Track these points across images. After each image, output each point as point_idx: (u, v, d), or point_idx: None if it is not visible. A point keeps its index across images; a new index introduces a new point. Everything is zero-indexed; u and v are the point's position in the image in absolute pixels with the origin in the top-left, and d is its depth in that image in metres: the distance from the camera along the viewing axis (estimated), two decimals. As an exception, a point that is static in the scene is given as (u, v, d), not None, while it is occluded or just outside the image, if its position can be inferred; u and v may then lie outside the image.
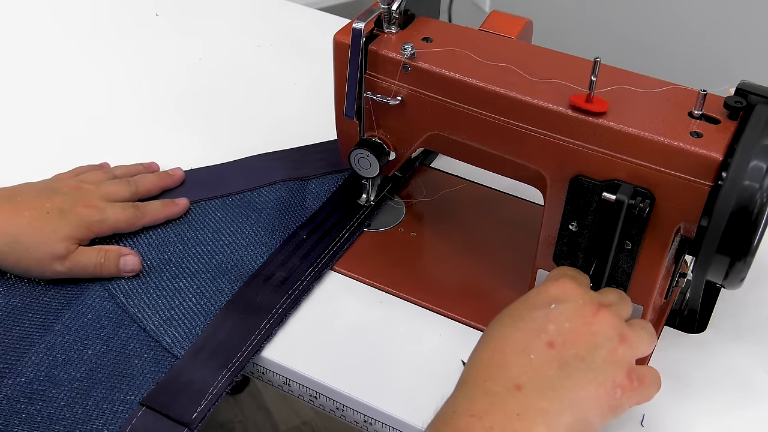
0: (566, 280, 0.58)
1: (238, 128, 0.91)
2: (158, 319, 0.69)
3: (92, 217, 0.71)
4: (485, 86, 0.63)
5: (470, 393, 0.54)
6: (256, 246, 0.75)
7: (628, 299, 0.62)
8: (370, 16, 0.67)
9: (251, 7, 1.12)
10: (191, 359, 0.66)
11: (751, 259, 0.57)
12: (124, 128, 0.91)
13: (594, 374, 0.54)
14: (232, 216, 0.78)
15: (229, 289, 0.71)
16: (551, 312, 0.56)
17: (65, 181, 0.76)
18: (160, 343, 0.67)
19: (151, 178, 0.79)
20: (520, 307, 0.57)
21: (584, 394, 0.53)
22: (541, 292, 0.58)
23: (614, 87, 0.61)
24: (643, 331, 0.59)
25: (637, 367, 0.56)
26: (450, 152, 0.73)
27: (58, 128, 0.90)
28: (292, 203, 0.80)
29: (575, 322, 0.55)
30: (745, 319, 0.71)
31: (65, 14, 1.08)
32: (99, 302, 0.70)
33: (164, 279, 0.72)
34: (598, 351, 0.55)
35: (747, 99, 0.58)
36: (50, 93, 0.95)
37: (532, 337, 0.55)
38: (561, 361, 0.54)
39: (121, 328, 0.68)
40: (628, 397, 0.55)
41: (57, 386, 0.64)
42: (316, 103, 0.92)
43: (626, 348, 0.56)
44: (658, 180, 0.58)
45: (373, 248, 0.77)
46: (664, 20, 1.73)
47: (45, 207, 0.70)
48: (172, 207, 0.77)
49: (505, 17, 0.71)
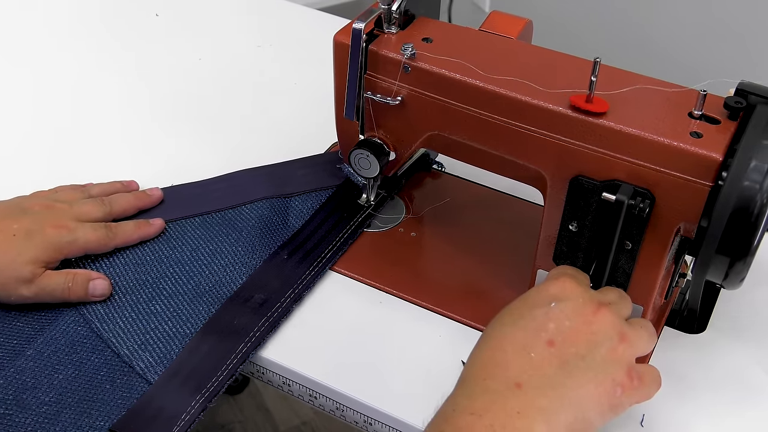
0: (566, 278, 0.58)
1: (238, 128, 0.91)
2: (132, 344, 0.67)
3: (61, 238, 0.69)
4: (485, 86, 0.63)
5: (470, 391, 0.54)
6: (235, 266, 0.73)
7: (628, 298, 0.62)
8: (370, 17, 0.67)
9: (251, 8, 1.12)
10: (164, 384, 0.64)
11: (751, 259, 0.57)
12: (124, 128, 0.90)
13: (594, 373, 0.54)
14: (211, 235, 0.76)
15: (206, 311, 0.69)
16: (551, 310, 0.56)
17: (38, 200, 0.73)
18: (134, 368, 0.65)
19: (127, 198, 0.77)
20: (520, 306, 0.57)
21: (584, 392, 0.53)
22: (541, 291, 0.58)
23: (614, 87, 0.61)
24: (643, 329, 0.59)
25: (637, 366, 0.56)
26: (450, 152, 0.73)
27: (57, 128, 0.90)
28: (273, 221, 0.78)
29: (575, 320, 0.55)
30: (745, 319, 0.71)
31: (64, 14, 1.08)
32: (73, 327, 0.68)
33: (140, 302, 0.70)
34: (598, 349, 0.55)
35: (747, 99, 0.58)
36: (49, 93, 0.95)
37: (533, 336, 0.54)
38: (561, 359, 0.54)
39: (94, 353, 0.66)
40: (628, 395, 0.55)
41: (24, 410, 0.62)
42: (316, 104, 0.92)
43: (626, 347, 0.56)
44: (658, 180, 0.58)
45: (373, 248, 0.77)
46: (664, 20, 1.73)
47: (12, 229, 0.68)
48: (146, 228, 0.75)
49: (505, 17, 0.71)
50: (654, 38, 1.76)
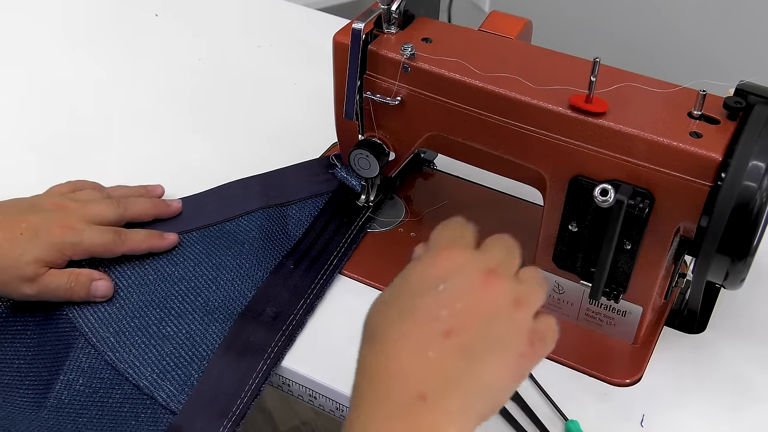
0: (450, 251, 0.51)
1: (238, 129, 0.91)
2: (150, 374, 0.65)
3: (66, 239, 0.68)
4: (485, 87, 0.63)
5: (372, 415, 0.48)
6: (242, 280, 0.72)
7: (515, 247, 0.53)
8: (369, 17, 0.67)
9: (251, 8, 1.12)
10: (189, 413, 0.63)
11: (751, 259, 0.57)
12: (124, 129, 0.90)
13: (497, 351, 0.48)
14: (213, 249, 0.74)
15: (219, 330, 0.68)
16: (441, 295, 0.48)
17: (53, 197, 0.73)
18: (156, 399, 0.64)
19: (143, 204, 0.76)
20: (403, 295, 0.50)
21: (490, 375, 0.48)
22: (425, 272, 0.50)
23: (614, 87, 0.61)
24: (534, 282, 0.52)
25: (535, 328, 0.50)
26: (450, 153, 0.73)
27: (57, 129, 0.90)
28: (274, 232, 0.76)
29: (467, 299, 0.48)
30: (745, 319, 0.71)
31: (64, 15, 1.08)
32: (87, 363, 0.66)
33: (150, 324, 0.68)
34: (496, 324, 0.48)
35: (746, 99, 0.58)
36: (49, 94, 0.95)
37: (426, 330, 0.48)
38: (461, 347, 0.47)
39: (113, 388, 0.65)
40: (533, 360, 0.51)
41: None
42: (316, 104, 0.92)
43: (523, 312, 0.50)
44: (657, 180, 0.58)
45: (373, 249, 0.77)
46: (664, 20, 1.73)
47: (20, 227, 0.68)
48: (157, 240, 0.73)
49: (505, 17, 0.71)
50: (653, 38, 1.76)
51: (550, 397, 0.65)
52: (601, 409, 0.64)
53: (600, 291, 0.64)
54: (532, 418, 0.63)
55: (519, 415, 0.63)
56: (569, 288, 0.68)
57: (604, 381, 0.66)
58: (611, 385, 0.66)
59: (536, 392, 0.65)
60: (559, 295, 0.70)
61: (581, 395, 0.65)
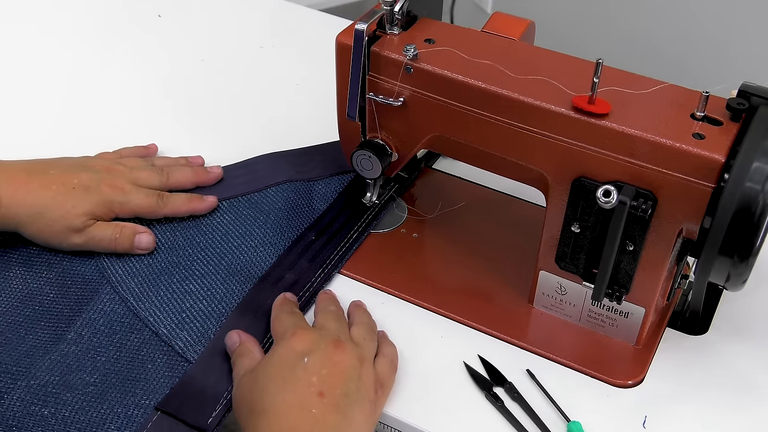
0: (300, 332, 0.62)
1: (240, 129, 0.91)
2: (170, 323, 0.68)
3: (115, 197, 0.73)
4: (487, 88, 0.63)
5: None
6: (264, 248, 0.75)
7: (341, 314, 0.68)
8: (372, 18, 0.67)
9: (254, 9, 1.12)
10: (205, 363, 0.66)
11: (754, 260, 0.57)
12: (126, 129, 0.90)
13: (358, 404, 0.59)
14: (240, 218, 0.78)
15: (239, 291, 0.71)
16: (308, 365, 0.59)
17: (102, 161, 0.78)
18: (173, 347, 0.67)
19: (185, 171, 0.80)
20: (277, 371, 0.60)
21: (358, 423, 0.58)
22: (288, 352, 0.61)
23: (616, 88, 0.61)
24: (366, 337, 0.65)
25: (379, 376, 0.63)
26: (452, 154, 0.73)
27: (57, 129, 0.90)
28: (299, 204, 0.80)
29: (329, 366, 0.60)
30: (747, 320, 0.71)
31: (67, 16, 1.09)
32: (110, 306, 0.69)
33: (174, 282, 0.71)
34: (352, 382, 0.60)
35: (749, 101, 0.58)
36: (49, 94, 0.95)
37: (305, 394, 0.58)
38: (334, 404, 0.58)
39: (133, 333, 0.68)
40: (381, 404, 0.62)
41: (70, 390, 0.63)
42: (319, 104, 0.92)
43: (366, 367, 0.62)
44: (660, 181, 0.58)
45: (375, 250, 0.77)
46: (667, 22, 1.73)
47: (72, 182, 0.72)
48: (198, 202, 0.77)
49: (508, 19, 0.71)
50: (656, 39, 1.76)
51: (552, 398, 0.65)
52: (603, 410, 0.64)
53: (602, 292, 0.64)
54: (534, 419, 0.63)
55: (521, 416, 0.63)
56: (571, 289, 0.68)
57: (607, 382, 0.66)
58: (613, 387, 0.66)
59: (538, 393, 0.65)
60: (561, 297, 0.70)
61: (583, 396, 0.65)
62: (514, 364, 0.67)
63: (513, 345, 0.69)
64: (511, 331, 0.70)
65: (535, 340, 0.69)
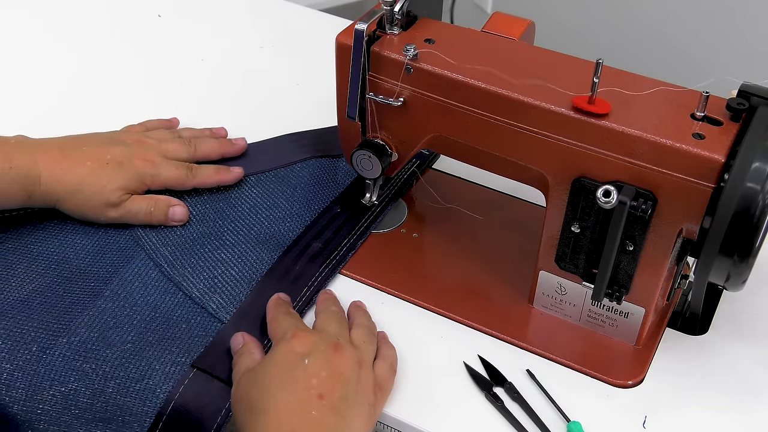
0: (301, 334, 0.62)
1: (241, 129, 0.91)
2: (203, 287, 0.71)
3: (146, 170, 0.75)
4: (487, 88, 0.63)
5: None
6: (292, 218, 0.78)
7: (342, 316, 0.68)
8: (372, 18, 0.67)
9: (253, 9, 1.12)
10: (237, 324, 0.68)
11: (753, 260, 0.57)
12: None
13: (356, 407, 0.59)
14: (268, 191, 0.81)
15: (269, 258, 0.74)
16: (308, 368, 0.60)
17: (131, 134, 0.80)
18: (206, 309, 0.69)
19: (211, 143, 0.82)
20: (278, 372, 0.60)
21: (355, 428, 0.59)
22: (288, 352, 0.61)
23: (616, 88, 0.61)
24: (365, 340, 0.65)
25: (376, 380, 0.63)
26: (452, 154, 0.73)
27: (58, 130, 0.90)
28: (324, 179, 0.83)
29: (328, 368, 0.60)
30: (747, 320, 0.71)
31: (68, 15, 1.09)
32: (144, 271, 0.72)
33: (206, 251, 0.74)
34: (351, 385, 0.60)
35: (749, 101, 0.58)
36: (50, 94, 0.95)
37: (304, 396, 0.58)
38: (333, 407, 0.58)
39: (167, 295, 0.70)
40: (379, 408, 0.63)
41: (110, 347, 0.65)
42: (319, 104, 0.92)
43: (365, 370, 0.62)
44: (660, 182, 0.58)
45: (375, 250, 0.77)
46: (667, 22, 1.73)
47: (105, 158, 0.74)
48: (225, 174, 0.79)
49: (508, 19, 0.71)
50: (656, 39, 1.76)
51: (552, 398, 0.65)
52: (603, 410, 0.64)
53: (602, 292, 0.64)
54: (534, 419, 0.63)
55: (521, 416, 0.63)
56: (571, 289, 0.69)
57: (606, 382, 0.66)
58: (613, 387, 0.66)
59: (538, 393, 0.65)
60: (561, 297, 0.70)
61: (583, 396, 0.65)
62: (514, 364, 0.67)
63: (513, 345, 0.69)
64: (511, 331, 0.70)
65: (535, 340, 0.69)
